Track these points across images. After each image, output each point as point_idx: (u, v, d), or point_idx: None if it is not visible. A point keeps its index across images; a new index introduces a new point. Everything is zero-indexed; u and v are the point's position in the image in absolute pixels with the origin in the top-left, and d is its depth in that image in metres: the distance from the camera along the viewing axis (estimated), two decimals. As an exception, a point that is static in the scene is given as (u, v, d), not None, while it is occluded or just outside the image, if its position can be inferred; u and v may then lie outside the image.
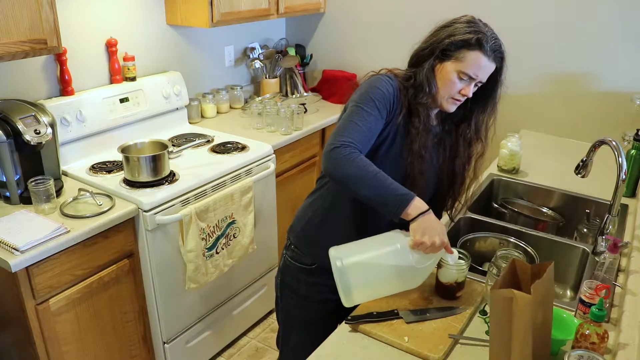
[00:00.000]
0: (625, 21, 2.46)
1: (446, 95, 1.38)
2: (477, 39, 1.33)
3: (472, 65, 1.33)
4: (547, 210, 2.10)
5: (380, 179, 1.26)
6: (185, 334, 2.26)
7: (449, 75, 1.36)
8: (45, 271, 1.70)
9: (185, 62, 2.78)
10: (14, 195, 1.90)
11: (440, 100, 1.40)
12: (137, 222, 1.96)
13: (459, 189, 1.55)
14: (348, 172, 1.26)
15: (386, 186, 1.26)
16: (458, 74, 1.35)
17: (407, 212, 1.25)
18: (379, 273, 1.30)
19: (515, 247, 1.73)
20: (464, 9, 2.80)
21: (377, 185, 1.26)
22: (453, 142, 1.50)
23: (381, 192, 1.26)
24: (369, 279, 1.31)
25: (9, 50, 1.72)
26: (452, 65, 1.35)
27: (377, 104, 1.33)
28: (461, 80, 1.35)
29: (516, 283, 1.15)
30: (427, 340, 1.26)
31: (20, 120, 1.84)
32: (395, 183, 1.28)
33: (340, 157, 1.26)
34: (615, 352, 1.16)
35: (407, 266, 1.28)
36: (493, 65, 1.36)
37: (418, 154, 1.39)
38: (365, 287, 1.32)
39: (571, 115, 2.71)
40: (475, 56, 1.33)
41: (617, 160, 1.58)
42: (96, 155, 2.29)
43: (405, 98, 1.39)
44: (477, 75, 1.34)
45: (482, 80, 1.37)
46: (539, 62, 2.71)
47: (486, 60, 1.33)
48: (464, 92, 1.37)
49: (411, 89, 1.39)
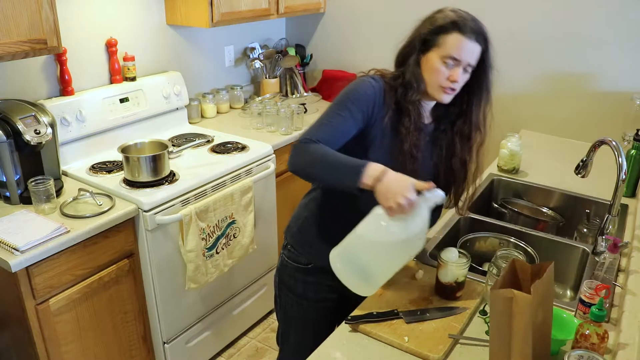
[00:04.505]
0: (625, 21, 2.46)
1: (435, 85, 1.36)
2: (452, 22, 1.33)
3: (452, 47, 1.32)
4: (547, 210, 2.10)
5: (334, 159, 1.28)
6: (185, 334, 2.26)
7: (433, 64, 1.34)
8: (45, 271, 1.70)
9: (185, 62, 2.78)
10: (14, 195, 1.90)
11: (432, 92, 1.37)
12: (137, 222, 1.96)
13: (461, 185, 1.53)
14: (305, 160, 1.31)
15: (339, 163, 1.28)
16: (441, 60, 1.33)
17: (363, 182, 1.23)
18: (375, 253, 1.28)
19: (515, 247, 1.73)
20: (464, 9, 2.81)
21: (331, 165, 1.28)
22: (449, 140, 1.47)
23: (336, 170, 1.28)
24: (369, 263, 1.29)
25: (9, 50, 1.72)
26: (435, 53, 1.34)
27: (350, 105, 1.35)
28: (446, 66, 1.33)
29: (516, 283, 1.15)
30: (427, 340, 1.26)
31: (20, 120, 1.84)
32: (350, 158, 1.27)
33: (299, 149, 1.32)
34: (615, 352, 1.16)
35: (396, 236, 1.25)
36: (476, 46, 1.33)
37: (409, 153, 1.37)
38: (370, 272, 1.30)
39: (571, 115, 2.71)
40: (453, 38, 1.32)
41: (617, 160, 1.58)
42: (96, 155, 2.29)
43: (393, 98, 1.38)
44: (460, 56, 1.32)
45: (470, 62, 1.34)
46: (539, 62, 2.71)
47: (466, 40, 1.32)
48: (452, 78, 1.34)
49: (400, 88, 1.38)
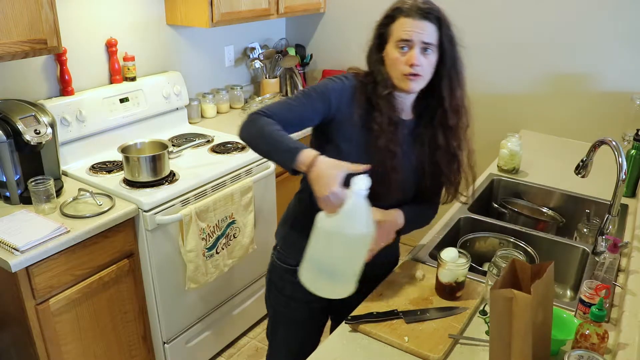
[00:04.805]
0: (624, 21, 2.46)
1: (398, 75, 1.34)
2: (395, 9, 1.34)
3: (400, 31, 1.31)
4: (547, 210, 2.10)
5: (277, 137, 1.28)
6: (185, 334, 2.26)
7: (390, 54, 1.34)
8: (45, 271, 1.70)
9: (185, 62, 2.78)
10: (14, 195, 1.90)
11: (398, 83, 1.35)
12: (137, 222, 1.96)
13: (455, 177, 1.47)
14: (252, 132, 1.32)
15: (280, 142, 1.28)
16: (396, 47, 1.32)
17: (297, 167, 1.24)
18: (330, 251, 1.23)
19: (515, 247, 1.73)
20: (464, 9, 2.81)
21: (273, 142, 1.29)
22: (431, 134, 1.44)
23: (275, 149, 1.29)
24: (329, 263, 1.25)
25: (9, 50, 1.72)
26: (390, 45, 1.34)
27: (313, 94, 1.38)
28: (401, 51, 1.32)
29: (516, 283, 1.15)
30: (427, 340, 1.26)
31: (20, 120, 1.84)
32: (291, 140, 1.28)
33: (250, 120, 1.33)
34: (615, 352, 1.16)
35: (341, 229, 1.19)
36: (426, 23, 1.30)
37: (386, 149, 1.36)
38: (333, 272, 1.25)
39: (571, 115, 2.71)
40: (399, 22, 1.32)
41: (617, 160, 1.58)
42: (96, 155, 2.29)
43: (363, 95, 1.39)
44: (409, 36, 1.30)
45: (423, 40, 1.30)
46: (539, 62, 2.71)
47: (412, 20, 1.30)
48: (409, 62, 1.30)
49: (370, 85, 1.39)
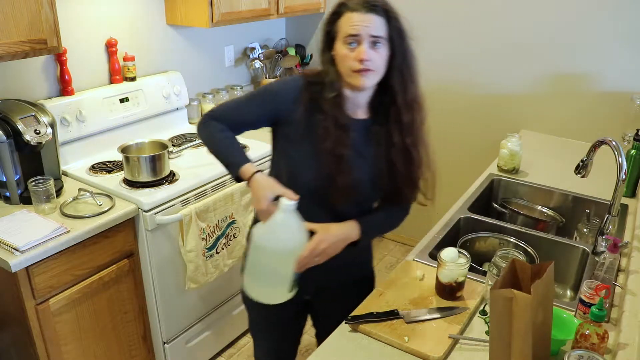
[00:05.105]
0: (624, 21, 2.46)
1: (349, 71, 1.30)
2: (339, 5, 1.31)
3: (347, 26, 1.28)
4: (547, 210, 2.10)
5: (223, 147, 1.39)
6: (185, 334, 2.26)
7: (339, 51, 1.31)
8: (45, 271, 1.70)
9: (185, 62, 2.78)
10: (14, 195, 1.90)
11: (350, 80, 1.32)
12: (137, 222, 1.96)
13: (412, 174, 1.41)
14: (204, 136, 1.43)
15: (224, 154, 1.39)
16: (344, 44, 1.29)
17: (241, 179, 1.34)
18: (265, 259, 1.30)
19: (515, 247, 1.73)
20: (465, 9, 2.82)
21: (219, 152, 1.40)
22: (385, 131, 1.39)
23: (222, 159, 1.39)
24: (262, 275, 1.33)
25: (9, 50, 1.72)
26: (338, 42, 1.31)
27: (258, 97, 1.42)
28: (350, 47, 1.28)
29: (516, 283, 1.15)
30: (427, 340, 1.26)
31: (20, 120, 1.84)
32: (235, 152, 1.38)
33: (204, 123, 1.43)
34: (615, 352, 1.16)
35: (272, 242, 1.27)
36: (373, 16, 1.27)
37: (331, 153, 1.33)
38: (266, 282, 1.34)
39: (571, 115, 2.71)
40: (346, 18, 1.29)
41: (617, 160, 1.58)
42: (96, 155, 2.29)
43: (308, 96, 1.36)
44: (356, 30, 1.26)
45: (371, 33, 1.27)
46: (539, 62, 2.71)
47: (357, 14, 1.27)
48: (358, 57, 1.27)
49: (317, 86, 1.36)
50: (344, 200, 1.37)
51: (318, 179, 1.35)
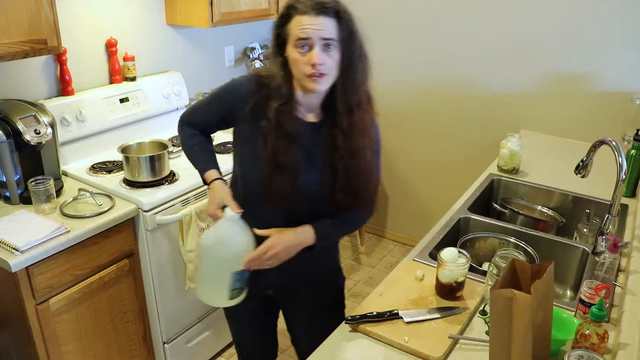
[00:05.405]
0: (625, 21, 2.46)
1: (302, 76, 1.27)
2: (289, 7, 1.28)
3: (297, 29, 1.25)
4: (547, 210, 2.10)
5: (193, 153, 1.52)
6: (185, 334, 2.26)
7: (291, 55, 1.28)
8: (45, 271, 1.70)
9: (185, 62, 2.78)
10: (14, 195, 1.90)
11: (304, 84, 1.29)
12: (137, 222, 1.96)
13: (353, 179, 1.35)
14: (180, 140, 1.56)
15: (194, 159, 1.52)
16: (295, 46, 1.26)
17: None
18: (205, 267, 1.41)
19: (515, 247, 1.73)
20: (464, 9, 2.82)
21: (190, 157, 1.53)
22: (332, 135, 1.34)
23: (192, 163, 1.52)
24: (206, 278, 1.42)
25: (9, 50, 1.72)
26: (289, 45, 1.28)
27: (215, 99, 1.47)
28: (301, 51, 1.25)
29: (516, 283, 1.15)
30: (427, 340, 1.26)
31: (20, 120, 1.84)
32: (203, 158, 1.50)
33: (179, 127, 1.56)
34: (615, 352, 1.16)
35: (207, 252, 1.36)
36: (323, 19, 1.23)
37: (269, 161, 1.32)
38: (209, 285, 1.42)
39: (571, 115, 2.71)
40: (295, 21, 1.25)
41: (617, 160, 1.58)
42: (96, 155, 2.29)
43: (252, 100, 1.35)
44: (306, 34, 1.23)
45: (322, 36, 1.23)
46: (539, 62, 2.71)
47: (307, 17, 1.23)
48: (310, 61, 1.24)
49: (266, 89, 1.34)
50: (286, 205, 1.37)
51: (261, 182, 1.36)
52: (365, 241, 3.55)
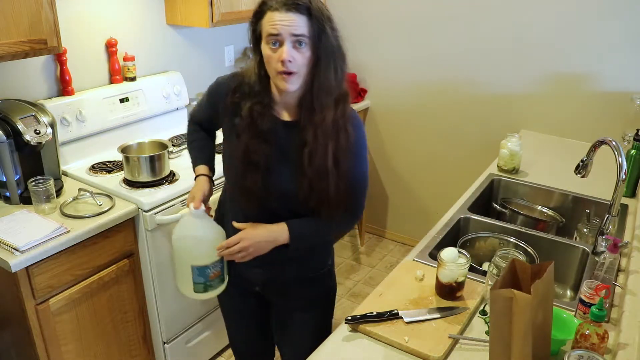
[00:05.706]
0: (625, 21, 2.46)
1: (274, 73, 1.27)
2: (261, 4, 1.28)
3: (268, 25, 1.24)
4: (547, 210, 2.10)
5: (192, 148, 1.62)
6: (185, 334, 2.26)
7: (264, 51, 1.27)
8: (45, 271, 1.70)
9: (185, 62, 2.78)
10: (14, 195, 1.90)
11: (276, 82, 1.29)
12: (137, 222, 1.96)
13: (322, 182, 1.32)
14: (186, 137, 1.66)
15: (192, 154, 1.61)
16: (267, 43, 1.25)
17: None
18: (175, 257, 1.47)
19: (515, 247, 1.73)
20: (464, 8, 2.82)
21: (189, 152, 1.63)
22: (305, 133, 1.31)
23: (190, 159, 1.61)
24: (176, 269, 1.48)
25: (9, 50, 1.72)
26: (263, 42, 1.28)
27: (206, 97, 1.54)
28: (272, 47, 1.24)
29: (516, 283, 1.15)
30: (427, 340, 1.26)
31: (20, 120, 1.84)
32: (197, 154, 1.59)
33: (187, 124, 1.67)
34: (615, 352, 1.16)
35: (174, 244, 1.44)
36: (294, 15, 1.22)
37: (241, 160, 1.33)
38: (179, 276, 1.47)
39: (571, 115, 2.71)
40: (267, 17, 1.25)
41: (617, 160, 1.58)
42: (96, 155, 2.29)
43: (230, 99, 1.37)
44: (276, 30, 1.22)
45: (292, 32, 1.22)
46: (539, 62, 2.71)
47: (278, 14, 1.22)
48: (280, 58, 1.23)
49: (244, 88, 1.35)
50: (259, 203, 1.37)
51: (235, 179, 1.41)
52: (365, 241, 3.55)
